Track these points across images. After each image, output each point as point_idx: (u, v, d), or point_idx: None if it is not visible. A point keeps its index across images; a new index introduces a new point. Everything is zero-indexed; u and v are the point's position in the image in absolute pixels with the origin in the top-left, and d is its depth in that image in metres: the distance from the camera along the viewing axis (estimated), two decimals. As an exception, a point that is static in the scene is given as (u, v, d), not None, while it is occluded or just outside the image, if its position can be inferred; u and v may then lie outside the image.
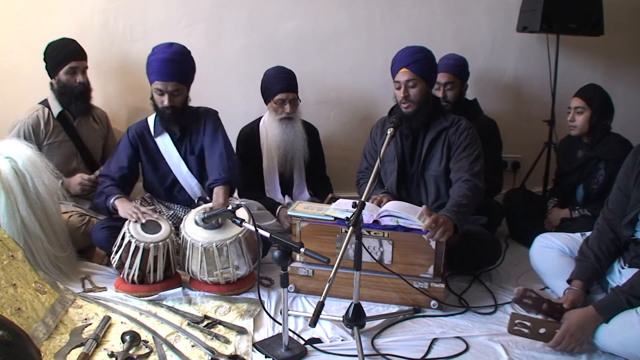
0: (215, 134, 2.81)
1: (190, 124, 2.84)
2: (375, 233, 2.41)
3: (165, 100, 2.68)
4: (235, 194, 3.06)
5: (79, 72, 3.00)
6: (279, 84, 3.14)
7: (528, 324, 2.08)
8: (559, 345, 2.04)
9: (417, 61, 2.63)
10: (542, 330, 2.07)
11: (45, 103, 3.05)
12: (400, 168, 2.78)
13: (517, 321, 2.09)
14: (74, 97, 3.01)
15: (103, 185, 2.74)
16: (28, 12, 3.32)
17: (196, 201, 2.82)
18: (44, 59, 3.01)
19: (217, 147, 2.78)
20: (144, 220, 2.53)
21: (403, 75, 2.64)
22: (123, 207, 2.60)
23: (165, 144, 2.82)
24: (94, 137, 3.17)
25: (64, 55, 2.98)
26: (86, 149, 3.11)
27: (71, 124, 3.07)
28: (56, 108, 3.02)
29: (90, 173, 3.06)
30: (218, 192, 2.66)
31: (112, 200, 2.65)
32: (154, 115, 2.84)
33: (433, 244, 2.36)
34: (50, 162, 2.76)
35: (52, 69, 3.01)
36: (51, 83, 3.03)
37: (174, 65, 2.66)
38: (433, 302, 2.39)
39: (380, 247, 2.41)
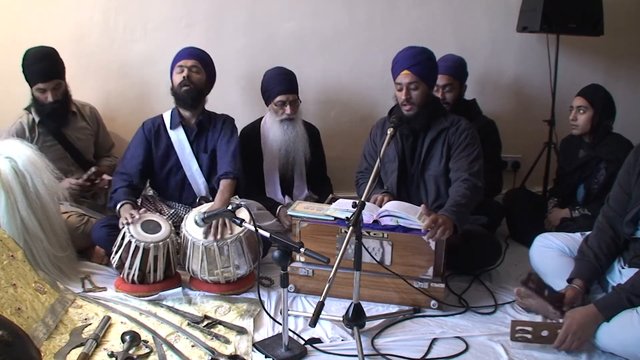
0: (233, 136, 2.93)
1: (207, 122, 2.89)
2: (374, 234, 2.41)
3: (184, 73, 2.78)
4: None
5: (48, 91, 2.89)
6: (280, 86, 3.13)
7: (529, 329, 2.08)
8: (562, 344, 2.04)
9: (419, 63, 2.62)
10: (544, 333, 2.07)
11: (29, 109, 3.00)
12: (401, 168, 2.78)
13: (518, 328, 2.09)
14: (44, 115, 2.95)
15: (115, 187, 2.76)
16: (28, 12, 3.32)
17: (197, 200, 2.83)
18: (22, 67, 2.93)
19: (232, 147, 2.87)
20: (130, 220, 2.50)
21: (405, 77, 2.63)
22: (123, 214, 2.58)
23: (179, 137, 2.85)
24: (84, 137, 3.13)
25: (31, 76, 2.89)
26: (76, 150, 3.08)
27: (56, 129, 3.01)
28: (37, 116, 2.98)
29: (84, 172, 3.04)
30: (225, 185, 2.70)
31: (118, 207, 2.65)
32: (169, 111, 2.89)
33: (433, 244, 2.36)
34: (50, 164, 2.76)
35: (27, 81, 2.93)
36: (31, 92, 2.96)
37: (197, 49, 2.91)
38: (433, 302, 2.39)
39: (380, 248, 2.41)
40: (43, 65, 2.90)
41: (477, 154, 2.66)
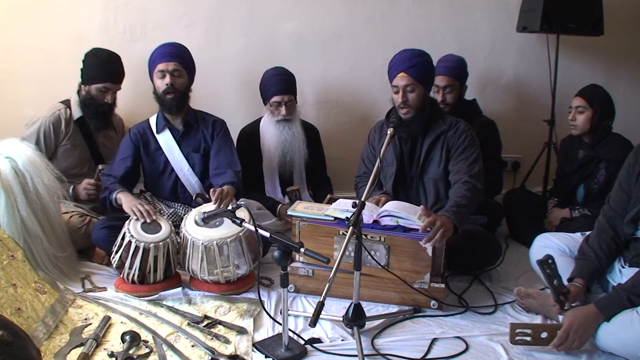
0: (228, 142, 2.91)
1: (194, 121, 2.87)
2: (371, 237, 2.40)
3: (167, 80, 2.73)
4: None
5: (110, 93, 2.96)
6: (275, 86, 3.14)
7: (528, 331, 2.07)
8: (562, 343, 2.03)
9: (415, 65, 2.61)
10: (544, 335, 2.07)
11: (67, 103, 3.02)
12: (399, 171, 2.78)
13: (517, 331, 2.09)
14: (96, 113, 2.98)
15: (107, 183, 2.76)
16: (28, 12, 3.32)
17: (194, 197, 2.82)
18: (83, 61, 2.97)
19: (230, 155, 2.86)
20: (148, 220, 2.54)
21: (401, 79, 2.62)
22: (127, 200, 2.61)
23: (166, 140, 2.84)
24: (110, 145, 3.15)
25: (102, 74, 2.94)
26: (100, 155, 3.11)
27: (89, 130, 3.05)
28: (77, 112, 3.00)
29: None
30: (225, 188, 2.65)
31: (115, 194, 2.66)
32: (155, 115, 2.87)
33: (430, 250, 2.34)
34: (63, 164, 2.78)
35: (87, 77, 2.96)
36: (80, 88, 2.99)
37: (175, 47, 2.82)
38: (433, 302, 2.39)
39: (377, 252, 2.40)
40: (117, 68, 3.00)
41: (477, 155, 2.66)
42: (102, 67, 2.95)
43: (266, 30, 3.55)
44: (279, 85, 3.14)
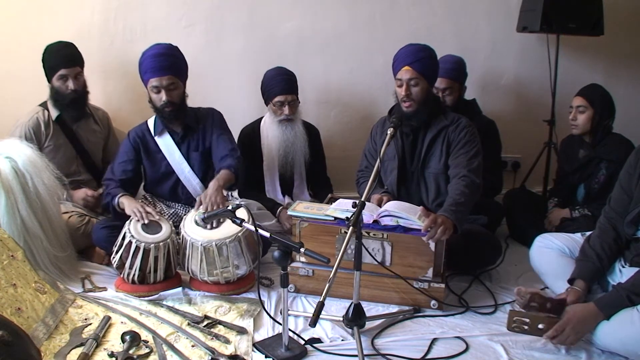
0: (225, 130, 2.88)
1: (192, 122, 2.84)
2: (374, 234, 2.41)
3: (163, 96, 2.68)
4: (236, 194, 3.06)
5: (70, 79, 2.94)
6: (278, 86, 3.13)
7: (527, 320, 2.09)
8: (557, 336, 2.02)
9: (420, 60, 2.63)
10: (540, 326, 2.08)
11: (45, 105, 3.04)
12: (401, 166, 2.78)
13: (515, 318, 2.10)
14: (65, 104, 2.98)
15: (109, 188, 2.75)
16: (28, 12, 3.32)
17: (198, 200, 2.82)
18: (42, 61, 2.98)
19: (228, 142, 2.83)
20: (146, 221, 2.54)
21: (406, 73, 2.63)
22: (129, 204, 2.61)
23: (166, 143, 2.82)
24: (94, 140, 3.16)
25: (54, 62, 2.93)
26: (86, 151, 3.11)
27: (70, 127, 3.05)
28: (54, 111, 3.01)
29: (90, 176, 3.10)
30: (222, 174, 2.66)
31: (117, 199, 2.66)
32: (153, 116, 2.86)
33: (432, 245, 2.35)
34: (50, 164, 2.76)
35: (47, 74, 2.98)
36: (50, 86, 3.01)
37: (165, 58, 2.68)
38: (433, 302, 2.39)
39: (380, 248, 2.41)
40: (66, 52, 2.96)
41: (477, 151, 2.66)
42: (53, 57, 2.95)
43: (266, 30, 3.55)
44: (281, 84, 3.14)
